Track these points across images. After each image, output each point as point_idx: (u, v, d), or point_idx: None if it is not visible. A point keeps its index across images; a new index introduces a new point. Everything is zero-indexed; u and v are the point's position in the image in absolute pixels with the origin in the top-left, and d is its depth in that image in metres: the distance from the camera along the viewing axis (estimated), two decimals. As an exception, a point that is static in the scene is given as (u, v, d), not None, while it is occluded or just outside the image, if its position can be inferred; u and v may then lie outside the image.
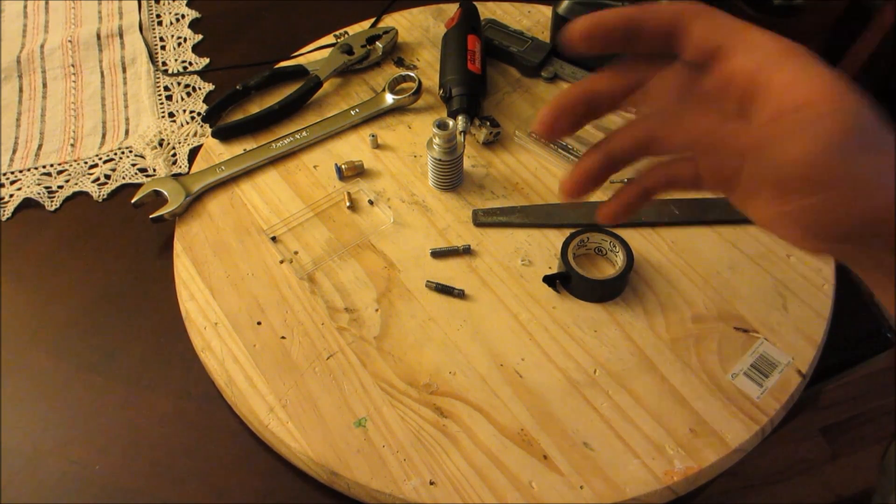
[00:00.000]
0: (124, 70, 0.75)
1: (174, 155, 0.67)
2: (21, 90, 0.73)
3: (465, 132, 0.63)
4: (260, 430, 0.49)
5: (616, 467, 0.46)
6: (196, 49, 0.77)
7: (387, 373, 0.50)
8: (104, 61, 0.76)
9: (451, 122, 0.57)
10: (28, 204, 0.64)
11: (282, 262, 0.57)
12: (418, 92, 0.67)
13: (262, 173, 0.63)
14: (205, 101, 0.72)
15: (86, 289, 0.58)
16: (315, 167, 0.63)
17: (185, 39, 0.78)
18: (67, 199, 0.64)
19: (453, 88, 0.64)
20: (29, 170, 0.66)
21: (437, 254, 0.57)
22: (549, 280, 0.54)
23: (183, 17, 0.81)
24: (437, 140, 0.58)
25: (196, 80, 0.74)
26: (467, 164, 0.63)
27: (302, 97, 0.67)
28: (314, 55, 0.73)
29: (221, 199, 0.61)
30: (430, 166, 0.60)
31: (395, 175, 0.63)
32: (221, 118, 0.68)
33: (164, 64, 0.76)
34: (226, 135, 0.66)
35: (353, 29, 0.75)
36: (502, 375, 0.50)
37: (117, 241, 0.61)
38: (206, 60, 0.76)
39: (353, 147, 0.65)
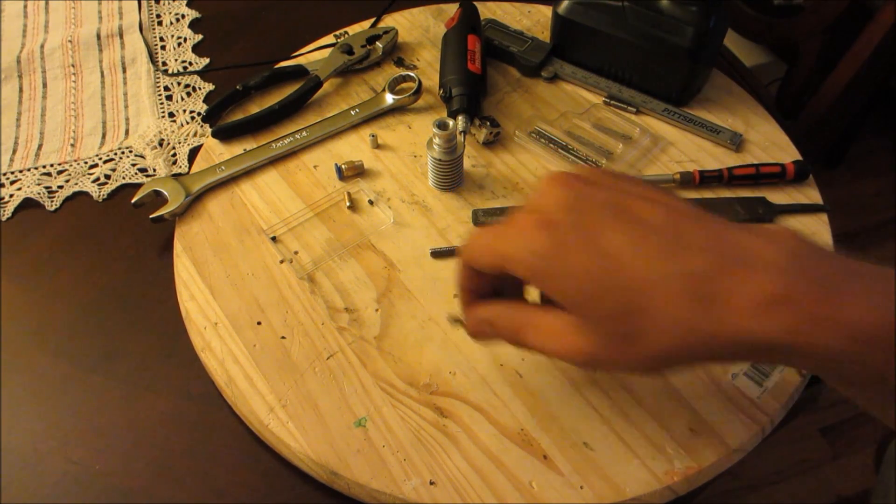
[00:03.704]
0: (124, 70, 0.75)
1: (174, 155, 0.67)
2: (21, 90, 0.73)
3: (465, 132, 0.63)
4: (260, 430, 0.49)
5: (616, 467, 0.46)
6: (196, 49, 0.77)
7: (387, 373, 0.50)
8: (104, 61, 0.76)
9: (451, 122, 0.57)
10: (28, 204, 0.64)
11: (282, 262, 0.57)
12: (418, 92, 0.67)
13: (262, 173, 0.63)
14: (205, 101, 0.72)
15: (86, 289, 0.58)
16: (315, 167, 0.63)
17: (185, 39, 0.78)
18: (67, 199, 0.64)
19: (453, 88, 0.64)
20: (29, 170, 0.66)
21: (437, 254, 0.57)
22: (549, 280, 0.54)
23: (183, 17, 0.81)
24: (437, 140, 0.58)
25: (196, 80, 0.74)
26: (467, 164, 0.63)
27: (302, 97, 0.67)
28: (314, 55, 0.73)
29: (221, 199, 0.61)
30: (430, 166, 0.60)
31: (395, 175, 0.63)
32: (221, 118, 0.68)
33: (164, 64, 0.76)
34: (226, 135, 0.66)
35: (353, 29, 0.75)
36: (502, 375, 0.50)
37: (117, 241, 0.61)
38: (206, 60, 0.76)
39: (353, 147, 0.65)
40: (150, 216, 0.59)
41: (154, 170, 0.66)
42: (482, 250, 0.37)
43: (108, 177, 0.65)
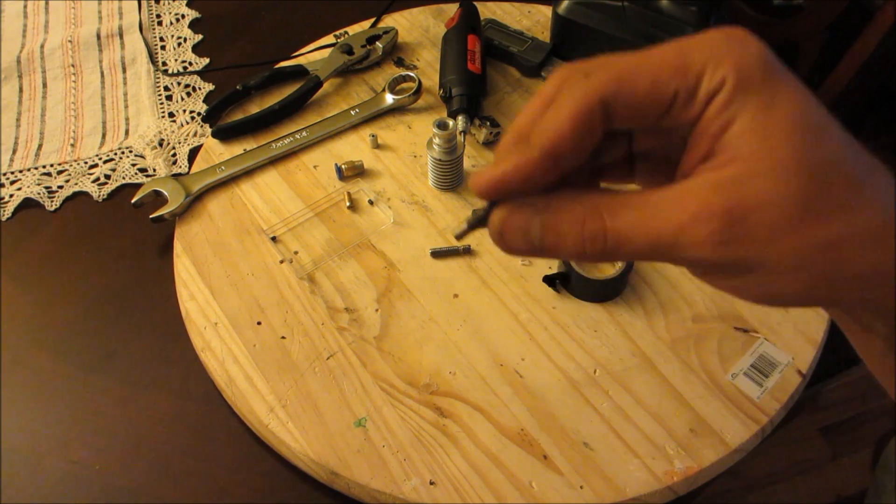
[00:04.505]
0: (124, 70, 0.75)
1: (174, 155, 0.67)
2: (21, 90, 0.73)
3: (465, 132, 0.63)
4: (260, 430, 0.49)
5: (616, 467, 0.46)
6: (196, 49, 0.77)
7: (387, 373, 0.50)
8: (104, 61, 0.76)
9: (451, 122, 0.57)
10: (28, 204, 0.64)
11: (282, 262, 0.57)
12: (418, 92, 0.67)
13: (262, 173, 0.63)
14: (205, 101, 0.72)
15: (86, 289, 0.58)
16: (315, 167, 0.63)
17: (185, 39, 0.78)
18: (67, 199, 0.64)
19: (453, 88, 0.64)
20: (29, 170, 0.66)
21: (437, 254, 0.57)
22: (549, 280, 0.54)
23: (183, 17, 0.81)
24: (437, 140, 0.58)
25: (196, 80, 0.74)
26: (467, 164, 0.63)
27: (302, 97, 0.67)
28: (314, 55, 0.73)
29: (221, 199, 0.61)
30: (430, 166, 0.60)
31: (395, 175, 0.63)
32: (221, 118, 0.68)
33: (164, 64, 0.76)
34: (226, 135, 0.66)
35: (353, 29, 0.75)
36: (502, 375, 0.50)
37: (117, 241, 0.61)
38: (206, 60, 0.76)
39: (353, 147, 0.65)
40: (150, 216, 0.59)
41: (154, 170, 0.66)
42: (658, 57, 0.24)
43: (108, 177, 0.65)
